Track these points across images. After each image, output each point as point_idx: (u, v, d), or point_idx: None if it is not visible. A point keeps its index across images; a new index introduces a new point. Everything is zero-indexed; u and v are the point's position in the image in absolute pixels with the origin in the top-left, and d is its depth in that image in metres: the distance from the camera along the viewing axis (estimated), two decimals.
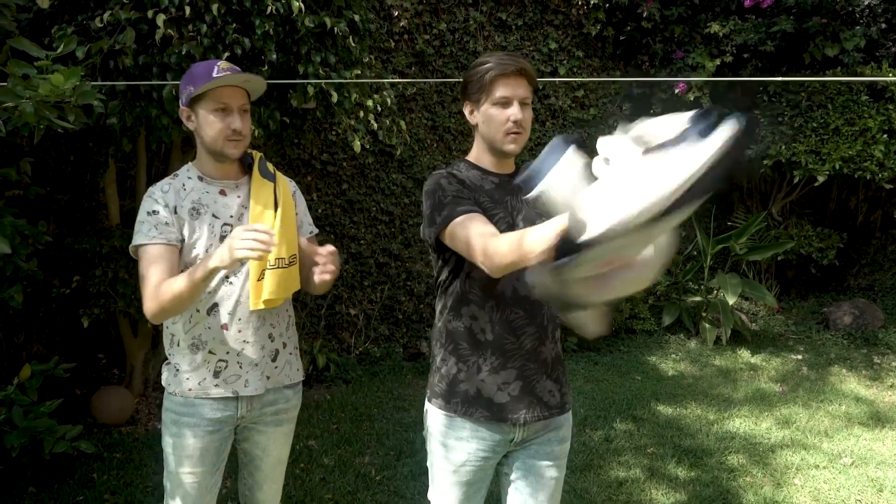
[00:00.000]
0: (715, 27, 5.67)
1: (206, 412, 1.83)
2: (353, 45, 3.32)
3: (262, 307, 1.80)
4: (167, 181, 1.83)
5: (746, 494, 3.25)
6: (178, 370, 1.86)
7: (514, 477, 1.79)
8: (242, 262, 1.71)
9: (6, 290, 2.98)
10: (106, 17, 2.80)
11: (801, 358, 5.32)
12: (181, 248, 1.78)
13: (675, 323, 5.83)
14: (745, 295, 6.03)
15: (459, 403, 1.71)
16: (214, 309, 1.81)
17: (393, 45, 5.24)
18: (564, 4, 5.89)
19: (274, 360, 1.90)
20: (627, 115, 6.35)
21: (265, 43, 3.01)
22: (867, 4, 5.53)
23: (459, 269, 1.70)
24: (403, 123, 4.57)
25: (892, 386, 4.79)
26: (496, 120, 1.68)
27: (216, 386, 1.83)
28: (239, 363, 1.84)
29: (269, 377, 1.89)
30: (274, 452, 1.99)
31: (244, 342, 1.83)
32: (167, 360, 1.90)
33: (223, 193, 1.83)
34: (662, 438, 3.83)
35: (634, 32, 5.94)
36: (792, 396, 4.54)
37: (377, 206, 5.28)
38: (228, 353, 1.83)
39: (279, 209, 1.83)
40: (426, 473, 1.87)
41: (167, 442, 1.88)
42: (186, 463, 1.85)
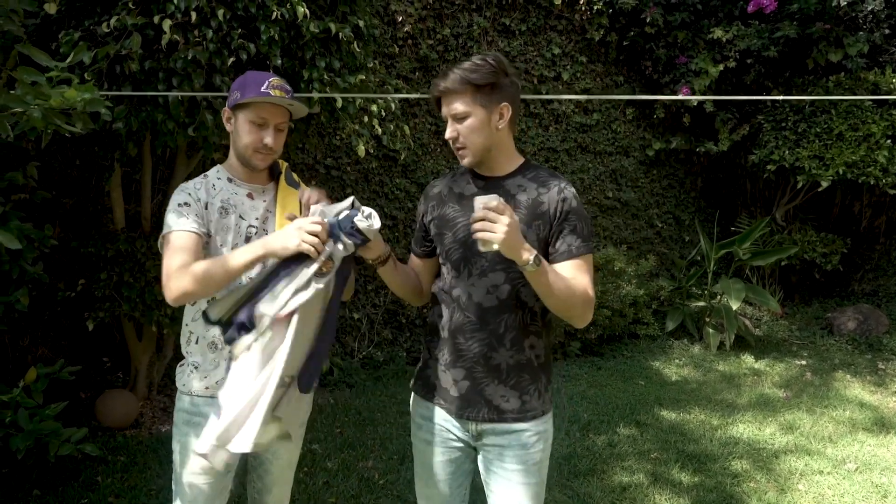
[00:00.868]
0: (718, 32, 5.68)
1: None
2: (357, 50, 3.34)
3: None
4: (199, 179, 1.88)
5: (750, 500, 3.25)
6: (194, 369, 1.86)
7: (484, 477, 1.86)
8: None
9: (12, 293, 2.99)
10: (112, 22, 2.82)
11: (804, 363, 5.31)
12: (207, 242, 1.81)
13: (678, 328, 5.83)
14: (748, 300, 6.03)
15: (424, 387, 1.87)
16: None
17: (397, 50, 5.26)
18: (568, 10, 5.91)
19: None
20: (630, 119, 6.36)
21: (270, 48, 3.03)
22: (870, 10, 5.53)
23: (439, 269, 1.87)
24: (407, 128, 4.59)
25: None
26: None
27: None
28: None
29: None
30: (284, 456, 1.99)
31: None
32: (182, 359, 1.91)
33: (250, 197, 1.89)
34: (666, 443, 3.83)
35: (638, 38, 5.95)
36: (796, 402, 4.53)
37: (381, 210, 5.29)
38: None
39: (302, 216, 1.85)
40: None
41: (178, 443, 1.88)
42: (197, 465, 1.84)
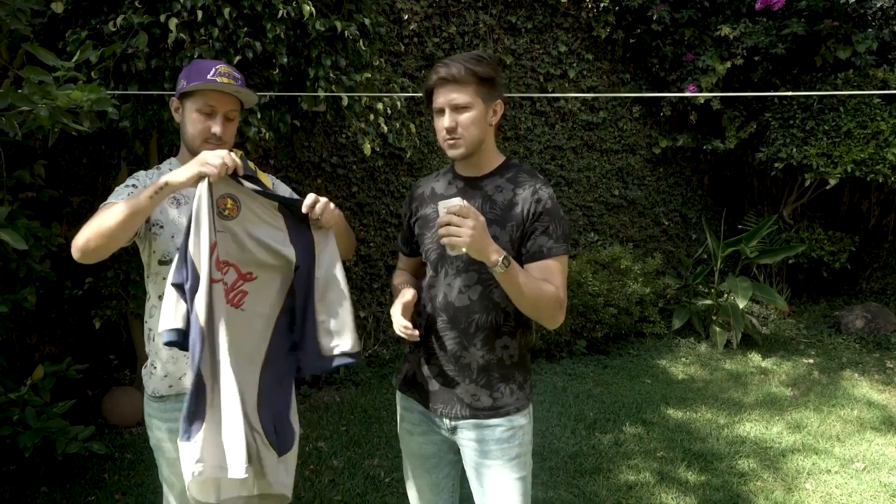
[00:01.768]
0: (725, 30, 5.65)
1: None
2: (363, 48, 3.34)
3: None
4: (152, 170, 1.84)
5: (757, 499, 3.24)
6: (154, 369, 1.81)
7: (467, 473, 1.87)
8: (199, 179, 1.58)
9: (20, 291, 3.01)
10: (119, 21, 2.83)
11: (812, 362, 5.29)
12: (155, 232, 1.75)
13: (685, 326, 5.81)
14: (755, 298, 6.00)
15: (404, 382, 1.92)
16: None
17: (403, 48, 5.25)
18: (574, 7, 5.89)
19: None
20: (636, 118, 6.34)
21: (276, 46, 3.03)
22: (879, 7, 5.49)
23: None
24: (413, 126, 4.58)
25: None
26: (436, 128, 1.76)
27: None
28: None
29: None
30: None
31: None
32: (146, 361, 1.85)
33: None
34: (672, 442, 3.82)
35: (644, 35, 5.93)
36: (803, 401, 4.51)
37: (386, 208, 5.29)
38: None
39: None
40: None
41: (153, 445, 1.85)
42: (170, 468, 1.82)
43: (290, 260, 1.70)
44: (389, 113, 3.91)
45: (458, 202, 1.54)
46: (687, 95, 5.78)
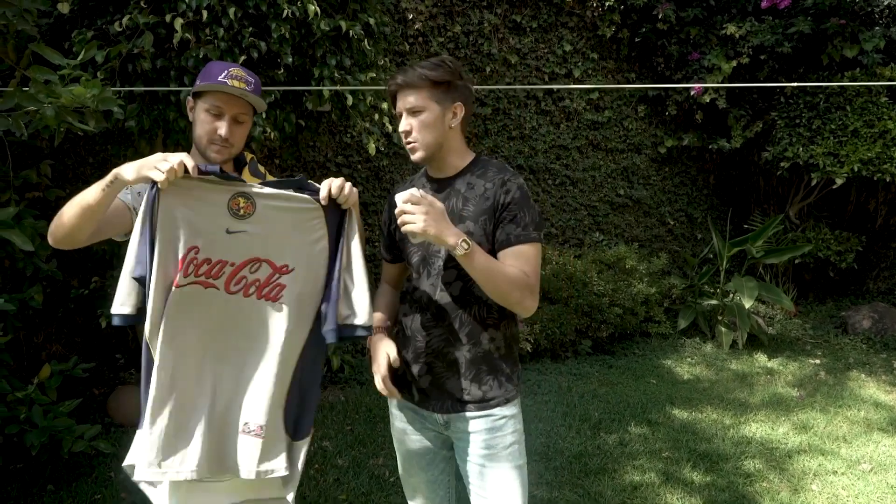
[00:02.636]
0: (731, 28, 5.63)
1: None
2: (367, 48, 3.34)
3: None
4: None
5: (763, 500, 3.22)
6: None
7: (460, 467, 1.88)
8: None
9: (26, 290, 3.02)
10: (125, 21, 2.84)
11: (819, 362, 5.27)
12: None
13: (690, 326, 5.79)
14: (761, 298, 5.98)
15: (394, 382, 1.88)
16: None
17: (408, 47, 5.25)
18: (579, 6, 5.88)
19: None
20: (642, 117, 6.33)
21: (281, 46, 3.04)
22: (887, 5, 5.46)
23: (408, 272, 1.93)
24: None
25: None
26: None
27: None
28: None
29: None
30: None
31: None
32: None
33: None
34: (678, 443, 3.81)
35: (650, 34, 5.92)
36: (810, 401, 4.49)
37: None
38: None
39: None
40: None
41: None
42: None
43: (325, 240, 1.68)
44: (394, 112, 3.91)
45: (410, 191, 1.58)
46: (689, 86, 5.76)
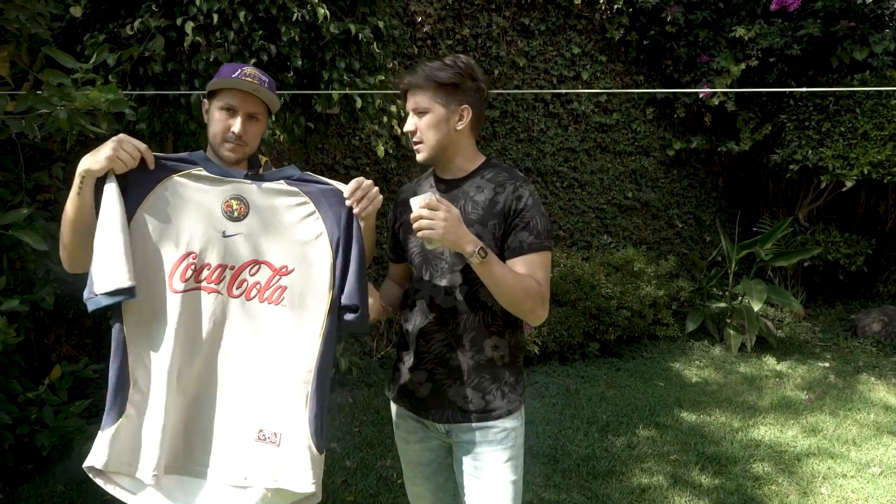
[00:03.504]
0: (740, 31, 5.62)
1: None
2: (377, 50, 3.35)
3: None
4: None
5: (772, 503, 3.21)
6: None
7: (457, 476, 1.86)
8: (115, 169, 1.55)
9: (37, 291, 3.04)
10: (136, 24, 2.86)
11: (828, 365, 5.24)
12: None
13: (699, 329, 5.77)
14: (770, 301, 5.96)
15: (395, 390, 1.91)
16: None
17: (416, 50, 5.27)
18: (588, 9, 5.88)
19: None
20: (650, 119, 6.32)
21: (291, 49, 3.05)
22: None
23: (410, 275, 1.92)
24: None
25: None
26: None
27: None
28: None
29: None
30: None
31: None
32: None
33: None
34: (686, 445, 3.80)
35: (658, 37, 5.91)
36: (819, 404, 4.47)
37: None
38: None
39: None
40: None
41: None
42: None
43: (325, 236, 1.64)
44: (402, 115, 3.93)
45: (427, 196, 1.56)
46: (697, 91, 5.75)
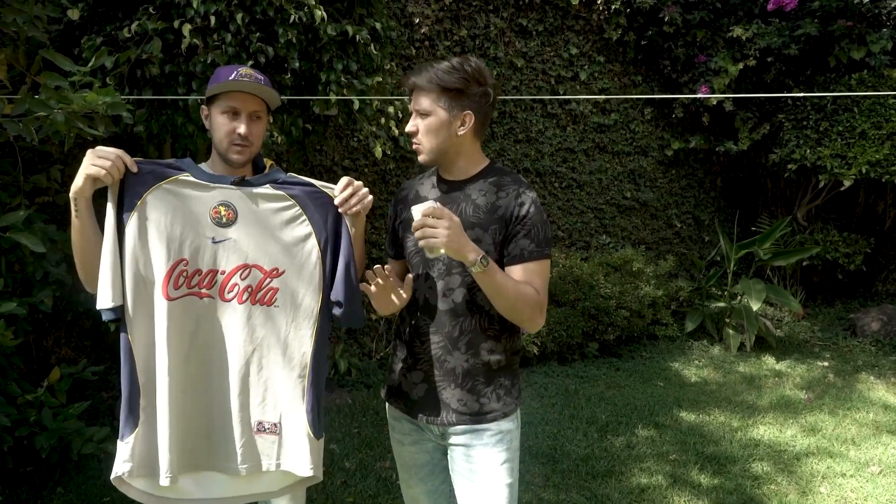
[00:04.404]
0: (738, 31, 5.63)
1: None
2: (374, 52, 3.36)
3: None
4: None
5: (771, 502, 3.21)
6: None
7: (452, 478, 1.86)
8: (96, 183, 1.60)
9: (36, 294, 3.04)
10: (133, 27, 2.87)
11: (827, 365, 5.24)
12: None
13: (698, 329, 5.77)
14: (769, 301, 5.96)
15: (390, 391, 1.91)
16: None
17: (414, 51, 5.27)
18: (585, 10, 5.89)
19: None
20: (648, 119, 6.33)
21: (288, 51, 3.06)
22: (894, 6, 5.44)
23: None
24: None
25: None
26: None
27: None
28: None
29: None
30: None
31: None
32: None
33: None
34: (685, 445, 3.80)
35: (656, 37, 5.92)
36: (818, 404, 4.47)
37: None
38: None
39: None
40: None
41: None
42: None
43: (313, 237, 1.69)
44: (400, 116, 3.93)
45: (430, 204, 1.56)
46: (697, 97, 5.75)
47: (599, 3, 5.84)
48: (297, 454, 1.69)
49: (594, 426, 4.02)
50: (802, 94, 3.62)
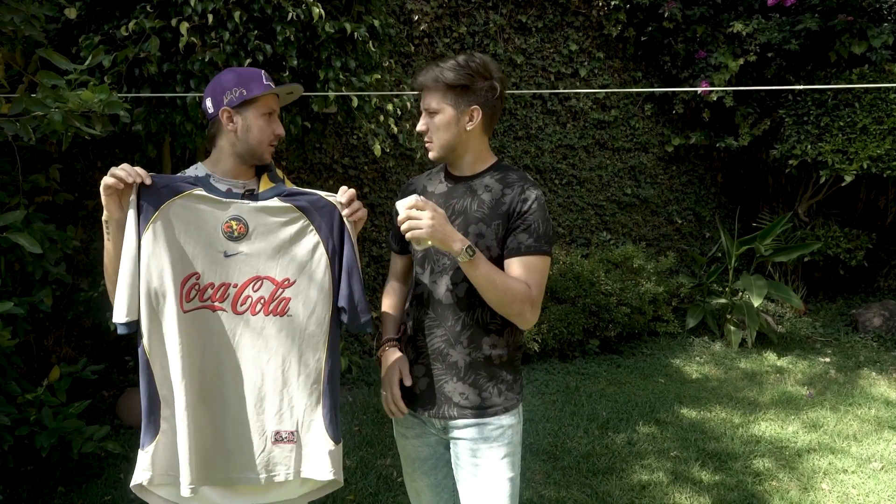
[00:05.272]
0: (738, 26, 5.61)
1: None
2: (372, 49, 3.35)
3: None
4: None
5: (772, 499, 3.21)
6: None
7: (455, 472, 1.87)
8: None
9: (36, 293, 3.04)
10: (131, 25, 2.86)
11: (828, 361, 5.24)
12: None
13: (699, 325, 5.77)
14: (770, 297, 5.95)
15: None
16: None
17: (413, 49, 5.26)
18: (585, 6, 5.87)
19: None
20: (647, 115, 6.31)
21: (286, 49, 3.05)
22: (895, 1, 5.43)
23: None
24: None
25: None
26: None
27: None
28: None
29: None
30: None
31: None
32: None
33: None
34: (686, 442, 3.80)
35: (656, 33, 5.90)
36: (819, 400, 4.47)
37: None
38: None
39: None
40: None
41: None
42: None
43: (321, 246, 1.71)
44: (400, 114, 3.92)
45: (413, 198, 1.60)
46: (697, 90, 5.74)
47: None
48: (316, 460, 1.70)
49: (595, 423, 4.02)
50: (802, 86, 3.60)
